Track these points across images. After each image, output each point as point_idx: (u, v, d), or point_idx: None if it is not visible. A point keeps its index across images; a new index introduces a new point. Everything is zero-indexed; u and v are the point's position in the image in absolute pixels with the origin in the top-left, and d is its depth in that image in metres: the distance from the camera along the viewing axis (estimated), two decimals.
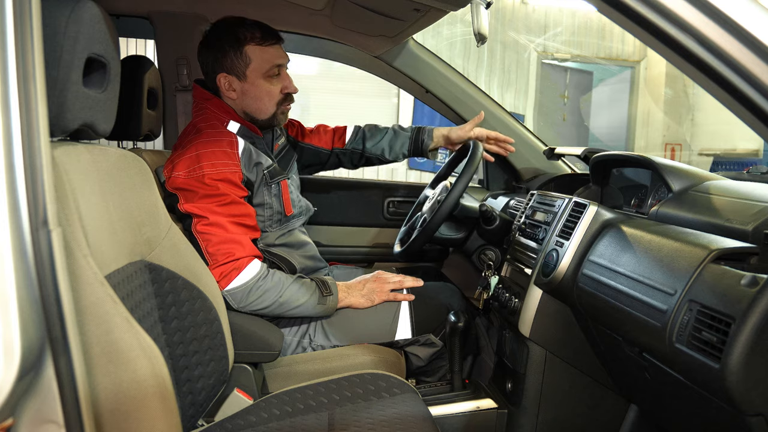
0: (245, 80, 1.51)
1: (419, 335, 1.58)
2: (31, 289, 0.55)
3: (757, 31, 0.70)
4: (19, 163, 0.55)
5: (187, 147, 1.43)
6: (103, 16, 0.84)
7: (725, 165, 6.94)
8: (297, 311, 1.46)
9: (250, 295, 1.39)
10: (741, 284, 0.81)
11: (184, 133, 1.52)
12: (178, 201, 1.40)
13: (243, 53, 1.48)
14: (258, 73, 1.51)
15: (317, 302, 1.47)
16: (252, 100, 1.53)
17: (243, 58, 1.49)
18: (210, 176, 1.39)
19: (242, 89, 1.52)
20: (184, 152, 1.42)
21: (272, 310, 1.43)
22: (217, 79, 1.52)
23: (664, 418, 1.21)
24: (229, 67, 1.50)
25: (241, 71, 1.50)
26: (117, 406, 0.67)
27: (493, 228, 1.63)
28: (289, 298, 1.44)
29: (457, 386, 1.57)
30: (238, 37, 1.48)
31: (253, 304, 1.40)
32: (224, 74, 1.51)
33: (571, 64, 8.32)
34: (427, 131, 1.87)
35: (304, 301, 1.45)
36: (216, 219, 1.38)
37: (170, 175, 1.41)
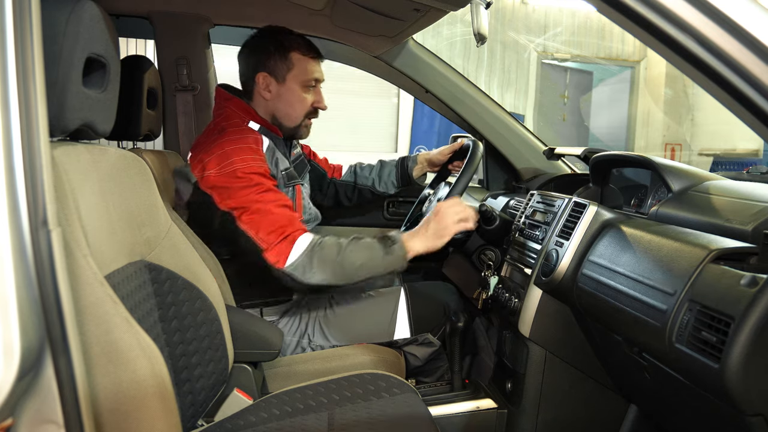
0: (283, 84, 1.56)
1: (417, 334, 1.59)
2: (30, 289, 0.55)
3: (757, 31, 0.70)
4: (19, 163, 0.55)
5: (213, 145, 1.44)
6: (102, 16, 0.84)
7: (725, 165, 6.94)
8: (365, 271, 1.39)
9: (312, 264, 1.35)
10: (740, 284, 0.81)
11: (207, 133, 1.53)
12: (212, 201, 1.40)
13: (287, 58, 1.54)
14: (296, 81, 1.56)
15: (383, 254, 1.39)
16: (284, 104, 1.57)
17: (286, 63, 1.54)
18: (242, 170, 1.39)
19: (278, 92, 1.56)
20: (211, 150, 1.43)
21: (339, 276, 1.37)
22: (256, 77, 1.55)
23: (664, 418, 1.21)
24: (271, 68, 1.54)
25: (281, 74, 1.55)
26: (117, 406, 0.67)
27: (493, 228, 1.63)
28: (351, 259, 1.38)
29: (457, 386, 1.57)
30: (284, 42, 1.54)
31: (317, 273, 1.36)
32: (265, 74, 1.55)
33: (571, 64, 8.32)
34: (411, 158, 1.92)
35: (368, 257, 1.39)
36: (258, 206, 1.38)
37: (202, 175, 1.41)
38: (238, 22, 2.01)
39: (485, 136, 2.06)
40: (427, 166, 1.91)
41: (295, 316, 1.57)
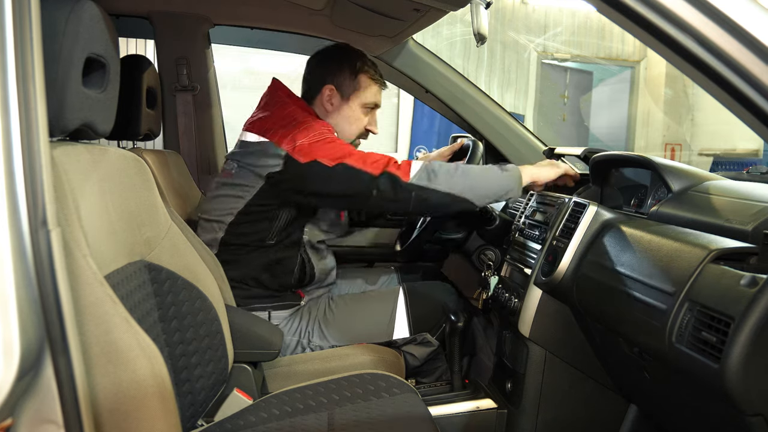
0: (346, 101, 1.62)
1: (416, 334, 1.59)
2: (30, 289, 0.55)
3: (757, 31, 0.70)
4: (19, 163, 0.55)
5: (296, 122, 1.48)
6: (102, 16, 0.84)
7: (725, 165, 6.94)
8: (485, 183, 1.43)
9: (435, 173, 1.40)
10: (740, 284, 0.81)
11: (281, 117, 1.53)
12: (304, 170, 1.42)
13: (357, 79, 1.61)
14: (359, 101, 1.62)
15: (499, 170, 1.45)
16: (343, 120, 1.62)
17: (354, 83, 1.61)
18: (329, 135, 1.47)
19: (340, 107, 1.62)
20: (295, 126, 1.47)
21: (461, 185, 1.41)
22: (323, 89, 1.61)
23: (664, 417, 1.21)
24: (339, 84, 1.61)
25: (347, 92, 1.62)
26: (116, 406, 0.67)
27: (493, 228, 1.63)
28: (470, 171, 1.43)
29: (456, 386, 1.57)
30: (357, 63, 1.62)
31: (441, 181, 1.40)
32: (332, 87, 1.61)
33: (571, 64, 8.32)
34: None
35: (485, 171, 1.44)
36: (356, 150, 1.45)
37: (294, 146, 1.43)
38: (237, 22, 2.01)
39: (485, 136, 2.06)
40: None
41: (294, 316, 1.57)
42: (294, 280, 1.56)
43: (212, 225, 1.53)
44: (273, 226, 1.51)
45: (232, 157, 1.56)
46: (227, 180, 1.53)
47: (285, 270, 1.54)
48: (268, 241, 1.51)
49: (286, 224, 1.52)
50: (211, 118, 2.06)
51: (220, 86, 2.13)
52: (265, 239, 1.51)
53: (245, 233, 1.50)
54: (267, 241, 1.51)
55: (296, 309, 1.58)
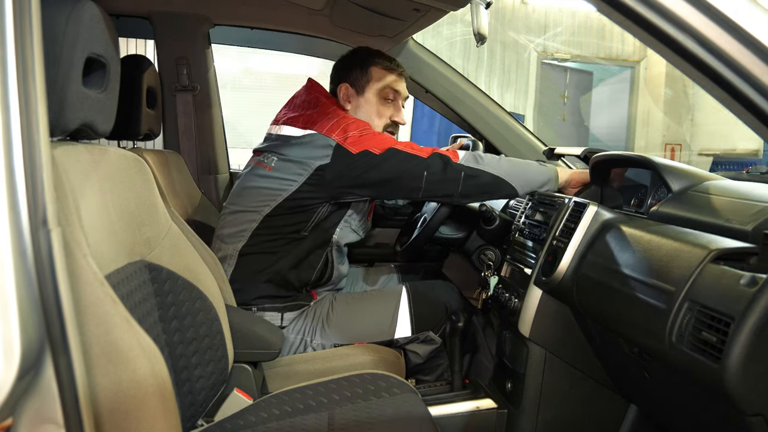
0: (362, 95, 1.65)
1: (418, 333, 1.59)
2: (30, 289, 0.55)
3: (757, 32, 0.70)
4: (19, 163, 0.55)
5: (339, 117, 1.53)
6: (102, 16, 0.84)
7: (725, 165, 6.94)
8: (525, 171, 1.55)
9: (481, 157, 1.51)
10: (740, 284, 0.81)
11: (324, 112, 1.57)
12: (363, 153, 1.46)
13: (367, 71, 1.64)
14: (375, 92, 1.64)
15: (537, 163, 1.58)
16: (363, 115, 1.64)
17: (366, 75, 1.64)
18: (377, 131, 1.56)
19: (357, 103, 1.65)
20: (342, 119, 1.52)
21: (505, 169, 1.52)
22: (339, 87, 1.66)
23: (664, 417, 1.21)
24: (352, 80, 1.65)
25: (361, 86, 1.65)
26: (117, 406, 0.67)
27: (493, 228, 1.63)
28: (510, 159, 1.56)
29: (456, 386, 1.57)
30: (366, 56, 1.66)
31: (487, 164, 1.51)
32: (346, 85, 1.65)
33: (571, 64, 8.32)
34: None
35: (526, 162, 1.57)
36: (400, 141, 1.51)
37: (346, 136, 1.48)
38: (237, 22, 2.01)
39: (485, 136, 2.06)
40: None
41: (300, 315, 1.57)
42: (315, 277, 1.58)
43: (244, 215, 1.53)
44: (310, 218, 1.53)
45: (269, 150, 1.56)
46: (265, 173, 1.53)
47: (310, 265, 1.56)
48: (303, 232, 1.53)
49: (322, 219, 1.54)
50: (211, 118, 2.06)
51: (220, 86, 2.13)
52: (300, 231, 1.53)
53: (281, 225, 1.52)
54: (302, 232, 1.53)
55: (303, 309, 1.58)
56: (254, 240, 1.51)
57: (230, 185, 2.13)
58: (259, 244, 1.52)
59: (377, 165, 1.45)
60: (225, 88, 2.20)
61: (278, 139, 1.56)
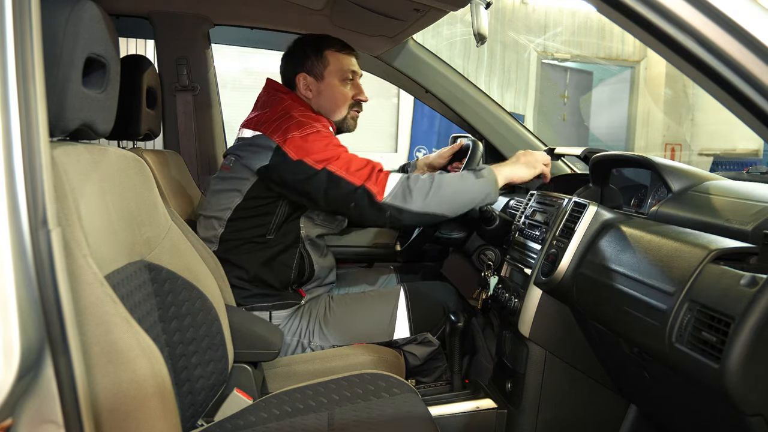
0: (322, 81, 1.63)
1: (417, 334, 1.59)
2: (30, 289, 0.55)
3: (757, 32, 0.70)
4: (19, 163, 0.55)
5: (289, 115, 1.50)
6: (102, 16, 0.84)
7: (725, 165, 6.93)
8: (460, 196, 1.44)
9: (410, 191, 1.40)
10: (740, 284, 0.81)
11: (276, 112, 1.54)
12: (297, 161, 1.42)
13: (323, 57, 1.63)
14: (334, 76, 1.63)
15: (474, 178, 1.45)
16: (327, 100, 1.64)
17: (322, 61, 1.63)
18: (323, 132, 1.48)
19: (318, 89, 1.64)
20: (287, 119, 1.48)
21: (436, 202, 1.41)
22: (297, 79, 1.64)
23: (664, 418, 1.21)
24: (309, 69, 1.63)
25: (319, 73, 1.63)
26: (116, 406, 0.67)
27: (493, 228, 1.63)
28: (445, 184, 1.42)
29: (456, 386, 1.57)
30: (318, 43, 1.65)
31: (416, 199, 1.40)
32: (304, 74, 1.63)
33: (571, 64, 8.31)
34: (411, 164, 1.95)
35: (461, 182, 1.44)
36: (345, 154, 1.45)
37: (285, 138, 1.44)
38: (237, 22, 2.01)
39: (485, 136, 2.06)
40: (427, 170, 1.92)
41: (295, 316, 1.57)
42: (294, 275, 1.56)
43: (211, 222, 1.53)
44: (271, 221, 1.52)
45: (230, 153, 1.58)
46: (226, 175, 1.55)
47: (284, 265, 1.55)
48: (267, 236, 1.52)
49: (283, 219, 1.53)
50: (211, 118, 2.06)
51: (220, 86, 2.13)
52: (265, 234, 1.52)
53: (244, 229, 1.51)
54: (266, 236, 1.52)
55: (296, 308, 1.58)
56: (224, 246, 1.52)
57: None
58: (229, 250, 1.52)
59: (309, 179, 1.42)
60: (225, 88, 2.20)
61: (238, 140, 1.58)
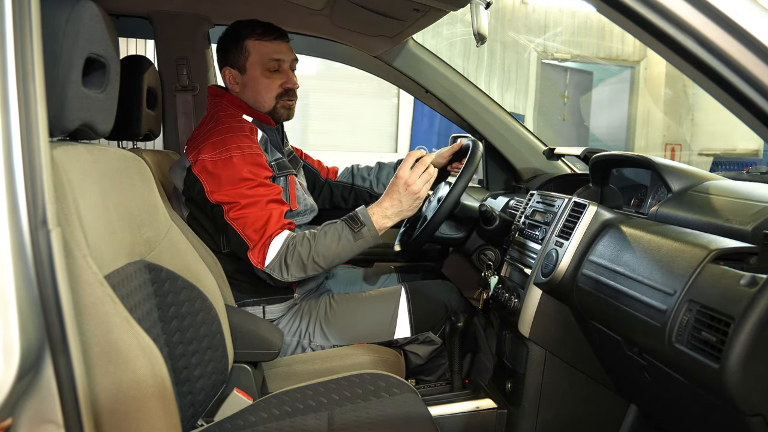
0: (245, 73, 1.55)
1: (418, 333, 1.59)
2: (30, 289, 0.55)
3: (757, 32, 0.70)
4: (19, 163, 0.55)
5: (209, 133, 1.45)
6: (102, 16, 0.84)
7: (725, 165, 6.94)
8: (339, 259, 1.42)
9: (287, 264, 1.37)
10: (740, 284, 0.81)
11: (202, 124, 1.54)
12: (202, 190, 1.40)
13: (243, 47, 1.54)
14: (256, 67, 1.54)
15: (353, 239, 1.41)
16: (251, 92, 1.56)
17: (242, 52, 1.54)
18: (237, 159, 1.40)
19: (243, 82, 1.56)
20: (207, 138, 1.44)
21: (315, 269, 1.40)
22: (223, 73, 1.58)
23: (664, 418, 1.21)
24: (232, 61, 1.56)
25: (241, 65, 1.55)
26: (116, 406, 0.67)
27: (493, 228, 1.63)
28: (324, 251, 1.39)
29: (456, 386, 1.57)
30: (239, 32, 1.55)
31: (293, 272, 1.38)
32: (228, 68, 1.57)
33: (571, 64, 8.32)
34: None
35: (340, 246, 1.40)
36: (247, 201, 1.39)
37: (196, 159, 1.41)
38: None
39: (485, 136, 2.06)
40: None
41: (295, 316, 1.57)
42: None
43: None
44: (219, 236, 1.48)
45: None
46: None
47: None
48: (223, 250, 1.48)
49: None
50: None
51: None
52: (220, 249, 1.48)
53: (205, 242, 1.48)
54: (223, 250, 1.48)
55: (293, 305, 1.57)
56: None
57: None
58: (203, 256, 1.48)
59: (211, 210, 1.41)
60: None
61: None
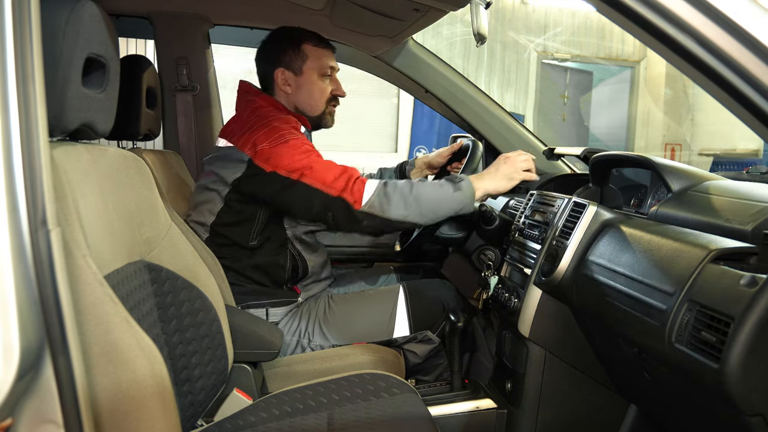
0: (301, 75, 1.62)
1: (416, 332, 1.59)
2: (30, 289, 0.55)
3: (757, 32, 0.70)
4: (18, 163, 0.55)
5: (257, 125, 1.48)
6: (102, 16, 0.84)
7: (725, 165, 6.94)
8: (438, 206, 1.44)
9: (388, 199, 1.40)
10: (740, 284, 0.81)
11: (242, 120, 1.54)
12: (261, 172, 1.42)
13: (301, 51, 1.61)
14: (313, 71, 1.62)
15: (453, 189, 1.44)
16: (306, 95, 1.63)
17: (301, 56, 1.61)
18: (293, 139, 1.45)
19: (297, 84, 1.62)
20: (256, 129, 1.47)
21: (415, 210, 1.42)
22: (275, 74, 1.61)
23: (664, 418, 1.21)
24: (287, 63, 1.61)
25: (298, 67, 1.61)
26: (116, 406, 0.67)
27: (493, 228, 1.63)
28: (424, 193, 1.42)
29: (456, 386, 1.57)
30: (297, 37, 1.62)
31: (394, 207, 1.40)
32: (282, 69, 1.61)
33: (571, 64, 8.32)
34: (410, 162, 1.94)
35: (439, 192, 1.44)
36: (319, 162, 1.44)
37: (256, 150, 1.43)
38: (237, 22, 2.01)
39: (485, 136, 2.06)
40: (426, 169, 1.92)
41: (294, 316, 1.57)
42: (288, 275, 1.56)
43: (196, 226, 1.53)
44: (252, 228, 1.51)
45: (207, 162, 1.58)
46: (206, 181, 1.55)
47: (277, 265, 1.55)
48: (250, 242, 1.51)
49: (264, 224, 1.52)
50: (211, 118, 2.06)
51: (220, 86, 2.13)
52: (248, 241, 1.51)
53: (227, 235, 1.51)
54: (249, 242, 1.51)
55: (295, 307, 1.58)
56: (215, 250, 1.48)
57: None
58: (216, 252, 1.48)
59: (284, 190, 1.42)
60: (225, 88, 2.20)
61: (215, 150, 1.58)
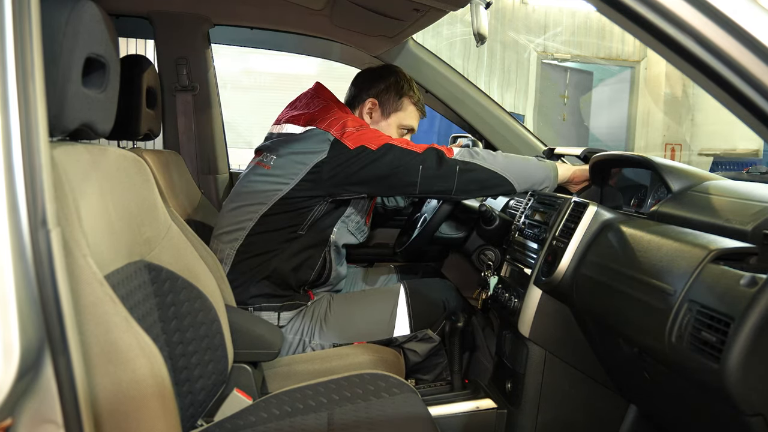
0: (386, 118, 1.71)
1: (417, 331, 1.59)
2: (30, 289, 0.55)
3: (757, 32, 0.70)
4: (18, 163, 0.55)
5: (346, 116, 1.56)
6: (102, 16, 0.84)
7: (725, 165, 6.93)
8: (523, 167, 1.55)
9: (477, 152, 1.53)
10: (740, 284, 0.81)
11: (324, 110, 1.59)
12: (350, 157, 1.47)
13: (401, 101, 1.71)
14: (397, 120, 1.72)
15: (536, 159, 1.59)
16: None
17: (397, 104, 1.71)
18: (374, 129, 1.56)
19: (377, 121, 1.71)
20: (340, 117, 1.54)
21: (502, 164, 1.52)
22: (366, 100, 1.71)
23: (664, 418, 1.21)
24: (383, 100, 1.71)
25: (388, 110, 1.71)
26: (116, 406, 0.67)
27: (493, 228, 1.63)
28: (510, 156, 1.56)
29: (456, 386, 1.57)
30: (404, 86, 1.72)
31: (483, 158, 1.51)
32: (374, 101, 1.70)
33: (571, 64, 8.32)
34: None
35: (524, 158, 1.57)
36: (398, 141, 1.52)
37: (343, 132, 1.49)
38: (237, 22, 2.01)
39: (485, 136, 2.06)
40: None
41: (295, 316, 1.57)
42: (313, 277, 1.58)
43: (242, 215, 1.53)
44: (307, 217, 1.53)
45: (269, 149, 1.57)
46: (264, 171, 1.54)
47: (308, 265, 1.56)
48: (299, 231, 1.53)
49: (319, 218, 1.54)
50: (211, 118, 2.06)
51: (220, 86, 2.14)
52: (297, 229, 1.53)
53: (277, 223, 1.52)
54: (298, 231, 1.53)
55: (301, 309, 1.58)
56: (251, 239, 1.52)
57: (230, 185, 2.13)
58: (255, 243, 1.52)
59: (374, 161, 1.46)
60: (225, 88, 2.20)
61: (279, 137, 1.57)
